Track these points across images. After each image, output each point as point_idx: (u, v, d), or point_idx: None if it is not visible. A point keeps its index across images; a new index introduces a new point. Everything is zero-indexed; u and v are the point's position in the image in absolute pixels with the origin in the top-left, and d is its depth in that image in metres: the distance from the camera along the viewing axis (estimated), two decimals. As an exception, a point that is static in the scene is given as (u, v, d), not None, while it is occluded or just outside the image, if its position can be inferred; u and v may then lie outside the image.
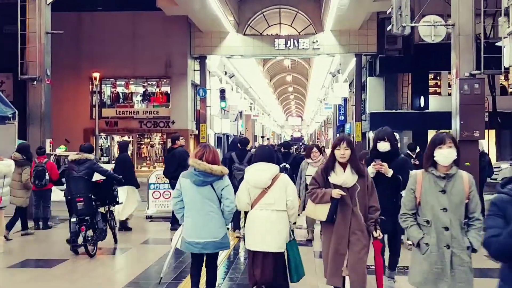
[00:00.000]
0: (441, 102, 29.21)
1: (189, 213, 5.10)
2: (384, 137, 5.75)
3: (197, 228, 5.03)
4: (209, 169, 4.97)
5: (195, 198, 5.05)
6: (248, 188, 5.19)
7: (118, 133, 30.68)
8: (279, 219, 5.10)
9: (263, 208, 5.10)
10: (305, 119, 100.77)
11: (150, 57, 29.30)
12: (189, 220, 5.10)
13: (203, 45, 29.72)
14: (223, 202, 5.07)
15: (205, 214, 5.03)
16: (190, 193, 5.05)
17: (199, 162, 4.99)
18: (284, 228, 5.14)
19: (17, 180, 9.44)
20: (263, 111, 65.66)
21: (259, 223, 5.09)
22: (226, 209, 5.09)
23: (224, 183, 5.08)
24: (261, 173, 5.15)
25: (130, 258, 8.40)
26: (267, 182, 5.11)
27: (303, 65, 51.33)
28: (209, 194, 5.03)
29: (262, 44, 29.68)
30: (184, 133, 29.35)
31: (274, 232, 5.07)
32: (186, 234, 5.12)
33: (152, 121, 30.09)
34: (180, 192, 5.14)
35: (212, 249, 5.10)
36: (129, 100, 30.90)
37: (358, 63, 29.84)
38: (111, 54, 29.28)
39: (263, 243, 5.07)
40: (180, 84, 29.70)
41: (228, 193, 5.09)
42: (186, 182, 5.09)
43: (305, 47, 29.40)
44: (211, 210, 5.04)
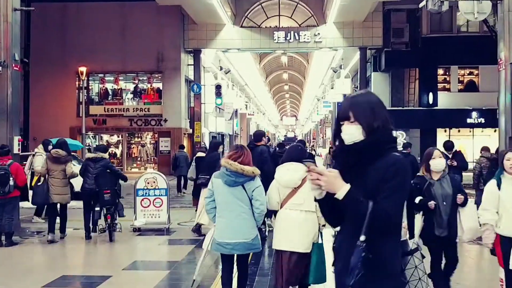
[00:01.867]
0: (451, 98, 27.65)
1: (220, 213, 5.11)
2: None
3: (228, 229, 5.04)
4: (240, 170, 4.95)
5: (227, 199, 5.05)
6: (278, 188, 5.15)
7: (106, 131, 28.80)
8: (307, 220, 5.07)
9: (292, 208, 5.08)
10: (300, 119, 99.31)
11: (141, 50, 27.47)
12: (220, 221, 5.11)
13: (198, 38, 27.91)
14: (254, 204, 5.05)
15: (237, 215, 5.02)
16: (222, 193, 5.06)
17: (230, 162, 4.97)
18: (312, 229, 5.10)
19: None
20: (258, 110, 63.83)
21: (287, 223, 5.08)
22: (256, 210, 5.05)
23: (255, 184, 5.06)
24: (292, 172, 5.11)
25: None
26: (297, 182, 5.07)
27: (300, 61, 49.56)
28: (241, 195, 5.03)
29: (261, 37, 27.88)
30: (177, 132, 27.61)
31: (301, 232, 5.05)
32: (217, 235, 5.12)
33: (143, 119, 28.20)
34: (212, 192, 5.13)
35: (242, 250, 5.08)
36: (118, 96, 29.00)
37: (363, 57, 28.11)
38: (99, 47, 27.46)
39: (290, 243, 5.05)
40: (172, 79, 27.84)
41: (259, 194, 5.07)
42: (218, 182, 5.08)
43: (306, 40, 27.61)
44: (242, 211, 5.03)
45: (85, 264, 7.90)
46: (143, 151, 28.73)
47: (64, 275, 6.76)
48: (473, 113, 27.03)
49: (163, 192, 10.02)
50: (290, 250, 5.07)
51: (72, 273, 6.95)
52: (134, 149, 28.89)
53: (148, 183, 10.03)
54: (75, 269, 7.20)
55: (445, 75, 28.43)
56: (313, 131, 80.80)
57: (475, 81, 28.13)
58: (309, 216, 5.07)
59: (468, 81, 28.39)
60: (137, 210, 10.05)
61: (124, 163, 28.71)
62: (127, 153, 28.77)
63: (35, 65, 27.72)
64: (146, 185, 10.04)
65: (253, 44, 27.99)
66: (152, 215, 10.05)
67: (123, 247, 8.90)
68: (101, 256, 8.10)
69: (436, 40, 27.11)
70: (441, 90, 27.64)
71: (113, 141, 29.22)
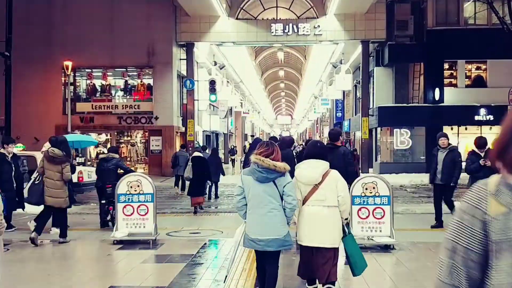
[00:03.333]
0: (458, 94, 26.32)
1: (252, 210, 5.09)
2: None
3: (261, 225, 5.02)
4: (273, 166, 4.94)
5: (259, 195, 5.03)
6: (299, 185, 5.22)
7: (94, 130, 27.21)
8: (330, 215, 5.12)
9: (314, 204, 5.14)
10: (295, 118, 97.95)
11: (130, 44, 25.97)
12: (252, 217, 5.09)
13: (190, 31, 26.41)
14: (285, 199, 5.05)
15: (268, 211, 5.02)
16: (253, 190, 5.04)
17: (262, 159, 4.98)
18: (337, 223, 5.15)
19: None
20: (254, 109, 62.33)
21: (311, 219, 5.15)
22: (288, 206, 5.05)
23: (286, 180, 5.05)
24: (312, 169, 5.19)
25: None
26: (317, 178, 5.15)
27: (297, 58, 48.09)
28: (272, 191, 5.02)
29: (257, 30, 26.40)
30: (168, 130, 26.11)
31: (326, 227, 5.10)
32: (249, 231, 5.09)
33: (132, 116, 26.64)
34: (243, 189, 5.12)
35: (275, 247, 5.04)
36: (107, 93, 27.41)
37: (365, 51, 26.67)
38: (86, 41, 25.99)
39: (315, 238, 5.11)
40: (164, 75, 26.30)
41: (290, 190, 5.05)
42: (248, 179, 5.07)
43: (306, 33, 26.15)
44: (274, 207, 5.03)
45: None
46: (133, 150, 27.19)
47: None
48: (481, 110, 25.70)
49: (149, 197, 8.50)
50: (315, 246, 5.11)
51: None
52: (124, 148, 27.30)
53: (131, 187, 8.50)
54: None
55: (452, 70, 27.09)
56: (309, 130, 79.36)
57: (483, 76, 26.79)
58: (332, 211, 5.12)
59: (475, 76, 27.03)
60: (118, 219, 8.51)
61: (113, 163, 27.07)
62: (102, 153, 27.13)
63: (17, 60, 26.04)
64: (129, 190, 8.50)
65: (249, 37, 26.51)
66: (136, 224, 8.51)
67: (97, 266, 7.36)
68: (65, 278, 6.54)
69: (442, 33, 25.81)
70: (447, 86, 26.32)
71: (101, 140, 27.63)
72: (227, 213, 12.86)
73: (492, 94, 25.86)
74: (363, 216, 7.83)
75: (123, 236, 8.40)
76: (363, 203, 7.82)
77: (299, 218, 5.27)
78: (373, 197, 7.80)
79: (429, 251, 8.01)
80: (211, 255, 7.77)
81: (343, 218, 5.21)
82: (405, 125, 26.43)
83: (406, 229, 9.29)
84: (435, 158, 9.80)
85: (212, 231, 9.75)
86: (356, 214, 7.82)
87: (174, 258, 7.45)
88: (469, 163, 9.19)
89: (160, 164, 26.12)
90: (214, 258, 7.50)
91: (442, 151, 9.68)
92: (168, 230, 9.64)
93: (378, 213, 7.82)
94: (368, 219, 7.83)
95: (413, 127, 26.53)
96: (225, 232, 9.51)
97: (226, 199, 16.47)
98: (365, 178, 7.88)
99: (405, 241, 8.36)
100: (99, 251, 8.01)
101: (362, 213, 7.82)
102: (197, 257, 7.45)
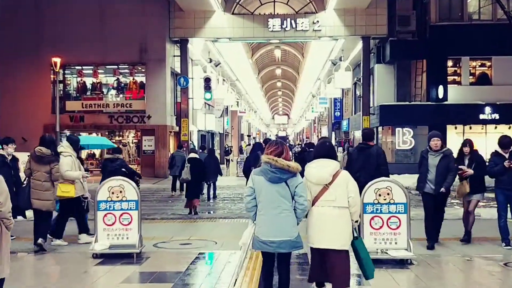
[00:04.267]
0: (462, 92, 25.39)
1: (263, 211, 4.97)
2: None
3: (273, 227, 4.92)
4: (286, 166, 4.87)
5: (271, 196, 4.92)
6: (308, 185, 5.09)
7: (84, 129, 26.14)
8: (341, 216, 5.03)
9: (324, 205, 5.05)
10: (292, 117, 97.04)
11: (122, 40, 24.95)
12: (263, 219, 4.97)
13: (185, 27, 25.39)
14: (297, 200, 4.94)
15: (280, 212, 4.92)
16: (265, 190, 4.93)
17: (275, 159, 4.89)
18: (347, 225, 5.05)
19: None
20: (250, 108, 61.32)
21: (321, 220, 5.04)
22: (299, 207, 4.95)
23: (298, 180, 4.95)
24: (322, 169, 5.07)
25: None
26: (328, 178, 5.04)
27: (295, 56, 47.11)
28: (284, 192, 4.92)
29: (254, 25, 25.38)
30: (162, 129, 25.15)
31: (336, 229, 5.01)
32: (260, 233, 4.97)
33: (124, 115, 25.59)
34: (253, 190, 4.99)
35: (287, 248, 4.95)
36: (97, 91, 26.36)
37: (366, 47, 25.71)
38: (76, 37, 24.98)
39: (326, 240, 5.01)
40: (157, 72, 25.26)
41: (302, 190, 4.95)
42: (260, 179, 4.95)
43: (304, 29, 25.16)
44: (285, 208, 4.94)
45: None
46: (124, 151, 26.01)
47: None
48: (486, 108, 24.77)
49: (133, 205, 7.50)
50: (324, 247, 5.01)
51: None
52: (115, 148, 26.20)
53: (112, 193, 7.50)
54: None
55: (455, 67, 26.11)
56: (306, 130, 78.44)
57: (488, 73, 25.84)
58: (342, 212, 5.02)
59: (480, 74, 26.08)
60: (98, 229, 7.51)
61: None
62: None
63: (4, 57, 25.15)
64: (110, 196, 7.50)
65: (245, 33, 25.48)
66: (118, 235, 7.51)
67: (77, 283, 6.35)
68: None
69: (446, 29, 24.87)
70: (451, 84, 25.34)
71: (92, 140, 26.56)
72: (222, 219, 11.86)
73: (497, 92, 24.96)
74: (376, 226, 6.85)
75: (104, 249, 7.39)
76: (376, 211, 6.83)
77: (309, 219, 5.16)
78: (388, 204, 6.82)
79: (452, 266, 7.05)
80: (202, 272, 6.76)
81: (353, 220, 5.11)
82: (407, 124, 25.49)
83: (420, 239, 8.28)
84: (425, 161, 8.01)
85: (205, 241, 8.75)
86: (368, 223, 6.83)
87: (161, 277, 6.46)
88: (492, 165, 8.23)
89: (153, 165, 25.08)
90: (206, 276, 6.51)
91: (434, 155, 7.92)
92: (155, 240, 8.65)
93: (393, 222, 6.84)
94: (382, 229, 6.85)
95: (416, 126, 25.56)
96: (219, 243, 8.52)
97: (221, 203, 15.52)
98: (379, 183, 6.88)
99: (424, 253, 7.39)
100: (75, 267, 7.00)
101: (375, 222, 6.84)
102: (186, 276, 6.46)
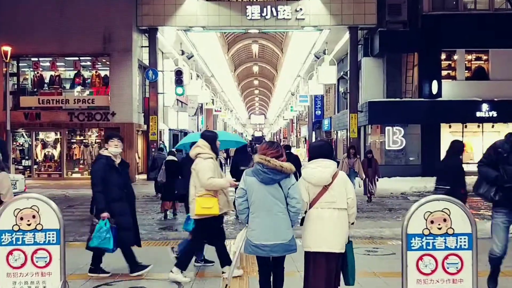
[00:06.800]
0: (457, 88, 23.44)
1: (256, 213, 4.79)
2: None
3: (266, 230, 4.73)
4: (280, 167, 4.71)
5: (263, 198, 4.75)
6: (307, 186, 4.84)
7: (41, 128, 23.43)
8: (340, 218, 4.78)
9: (324, 207, 4.78)
10: (269, 117, 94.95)
11: (83, 29, 22.40)
12: (256, 221, 4.79)
13: (154, 14, 22.92)
14: (290, 202, 4.74)
15: (274, 214, 4.73)
16: (258, 192, 4.76)
17: (268, 159, 4.73)
18: (345, 227, 4.81)
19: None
20: (226, 107, 58.82)
21: (321, 223, 4.76)
22: (292, 209, 4.75)
23: (291, 181, 4.78)
24: (323, 169, 4.81)
25: None
26: (329, 179, 4.80)
27: (273, 51, 44.83)
28: (277, 193, 4.74)
29: (230, 13, 22.98)
30: (127, 128, 22.57)
31: (337, 231, 4.75)
32: (252, 237, 4.77)
33: (86, 112, 22.92)
34: (245, 191, 4.81)
35: (281, 252, 4.76)
36: (56, 85, 23.62)
37: (353, 38, 23.57)
38: (31, 25, 22.44)
39: (326, 244, 4.72)
40: (122, 64, 22.68)
41: (295, 192, 4.76)
42: (252, 180, 4.78)
43: (286, 17, 22.87)
44: (279, 210, 4.73)
45: None
46: (86, 152, 23.41)
47: None
48: (483, 105, 22.87)
49: (53, 236, 4.97)
50: (326, 251, 4.71)
51: None
52: (76, 149, 23.50)
53: (21, 218, 4.98)
54: None
55: (450, 60, 24.19)
56: (283, 130, 76.28)
57: (485, 67, 23.93)
58: (341, 213, 4.79)
59: (476, 68, 24.15)
60: (0, 275, 5.00)
61: (63, 167, 23.33)
62: (67, 155, 23.37)
63: None
64: (18, 223, 4.98)
65: (221, 21, 23.05)
66: (31, 283, 5.00)
67: None
68: None
69: (439, 19, 22.94)
70: (445, 78, 23.41)
71: (50, 140, 23.82)
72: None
73: (495, 88, 23.10)
74: (427, 269, 4.43)
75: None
76: (427, 247, 4.42)
77: (306, 222, 4.87)
78: (444, 236, 4.43)
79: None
80: None
81: (350, 222, 4.90)
82: (397, 122, 23.41)
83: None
84: (504, 159, 5.45)
85: (163, 282, 6.26)
86: (414, 266, 4.43)
87: None
88: None
89: (117, 167, 22.44)
90: None
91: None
92: (93, 281, 6.16)
93: (453, 264, 4.44)
94: (435, 274, 4.43)
95: (407, 125, 23.53)
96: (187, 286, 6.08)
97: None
98: (430, 204, 4.47)
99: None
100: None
101: (425, 264, 4.43)
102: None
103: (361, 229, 9.70)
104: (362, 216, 12.12)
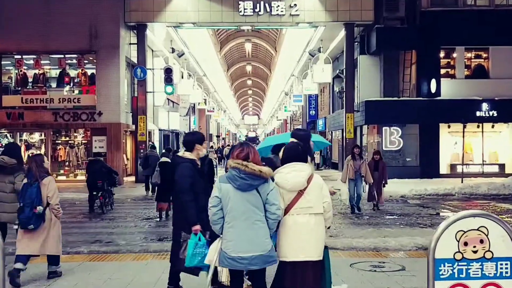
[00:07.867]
0: (456, 87, 22.71)
1: (231, 223, 4.40)
2: None
3: (243, 241, 4.35)
4: (258, 171, 4.34)
5: (240, 206, 4.37)
6: (281, 192, 4.54)
7: (24, 128, 22.46)
8: (317, 224, 4.54)
9: (300, 213, 4.52)
10: (263, 117, 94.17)
11: (69, 25, 21.44)
12: (232, 232, 4.39)
13: (142, 9, 22.05)
14: (269, 209, 4.39)
15: (252, 223, 4.37)
16: (234, 199, 4.39)
17: (245, 163, 4.36)
18: (322, 233, 4.59)
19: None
20: (219, 107, 57.92)
21: (298, 230, 4.49)
22: (271, 216, 4.38)
23: (270, 186, 4.42)
24: (298, 173, 4.56)
25: None
26: (304, 183, 4.55)
27: (267, 50, 44.01)
28: (255, 200, 4.37)
29: (222, 9, 22.12)
30: (115, 128, 21.68)
31: (315, 238, 4.51)
32: (229, 248, 4.37)
33: (71, 112, 21.96)
34: (219, 199, 4.41)
35: (260, 265, 4.38)
36: (40, 84, 22.66)
37: (350, 35, 22.78)
38: (14, 20, 21.37)
39: (304, 252, 4.47)
40: (110, 62, 21.75)
41: (274, 198, 4.41)
42: (227, 187, 4.40)
43: (280, 13, 22.04)
44: (257, 218, 4.38)
45: None
46: (72, 153, 22.46)
47: None
48: (483, 104, 22.14)
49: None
50: (303, 260, 4.45)
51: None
52: (61, 150, 22.54)
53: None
54: None
55: (449, 58, 23.44)
56: (277, 131, 75.49)
57: (485, 65, 23.21)
58: (318, 219, 4.54)
59: (476, 66, 23.41)
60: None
61: (49, 167, 22.33)
62: (52, 156, 22.38)
63: None
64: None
65: (212, 17, 22.18)
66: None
67: None
68: None
69: (438, 15, 22.20)
70: (443, 77, 22.66)
71: (34, 141, 22.87)
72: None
73: (495, 86, 22.40)
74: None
75: None
76: (459, 275, 3.56)
77: (280, 229, 4.54)
78: (481, 261, 3.59)
79: None
80: None
81: (327, 227, 4.68)
82: (395, 122, 22.62)
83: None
84: None
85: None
86: None
87: None
88: None
89: (104, 169, 21.50)
90: None
91: None
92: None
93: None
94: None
95: (405, 125, 22.75)
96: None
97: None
98: (463, 221, 3.59)
99: None
100: None
101: None
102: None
103: (364, 238, 8.86)
104: (363, 223, 11.31)
